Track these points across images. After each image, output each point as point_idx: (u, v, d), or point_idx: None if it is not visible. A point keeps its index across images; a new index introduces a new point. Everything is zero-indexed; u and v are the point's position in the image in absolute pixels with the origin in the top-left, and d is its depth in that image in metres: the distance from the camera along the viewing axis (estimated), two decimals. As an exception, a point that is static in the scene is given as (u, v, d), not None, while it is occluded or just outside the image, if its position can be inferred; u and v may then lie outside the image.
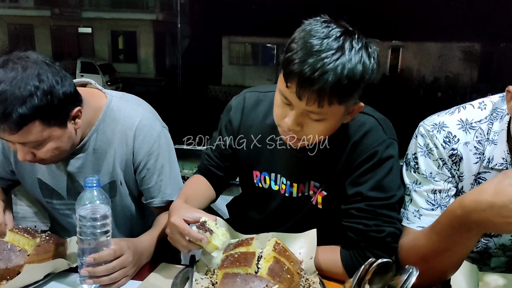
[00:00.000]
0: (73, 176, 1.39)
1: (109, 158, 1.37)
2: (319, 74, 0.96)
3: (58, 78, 1.16)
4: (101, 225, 1.08)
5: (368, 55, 1.01)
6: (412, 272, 0.81)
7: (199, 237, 1.08)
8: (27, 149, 1.19)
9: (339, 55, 0.97)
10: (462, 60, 14.59)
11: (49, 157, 1.23)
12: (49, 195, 1.44)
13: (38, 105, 1.11)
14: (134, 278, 1.17)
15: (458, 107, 1.17)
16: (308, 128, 1.08)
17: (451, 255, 1.02)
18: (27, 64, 1.13)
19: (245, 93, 1.35)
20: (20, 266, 1.09)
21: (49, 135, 1.18)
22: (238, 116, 1.33)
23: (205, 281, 1.10)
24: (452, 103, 1.21)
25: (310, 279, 1.11)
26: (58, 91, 1.15)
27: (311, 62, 0.97)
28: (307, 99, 1.00)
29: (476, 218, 0.91)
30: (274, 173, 1.30)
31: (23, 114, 1.10)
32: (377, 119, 1.17)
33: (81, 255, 1.10)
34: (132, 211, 1.48)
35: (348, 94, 1.01)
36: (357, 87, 1.02)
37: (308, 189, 1.26)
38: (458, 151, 1.12)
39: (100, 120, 1.35)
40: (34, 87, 1.11)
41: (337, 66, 0.97)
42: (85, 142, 1.34)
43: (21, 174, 1.45)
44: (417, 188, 1.15)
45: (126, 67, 16.69)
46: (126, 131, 1.36)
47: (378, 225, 1.11)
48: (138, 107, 1.41)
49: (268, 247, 1.11)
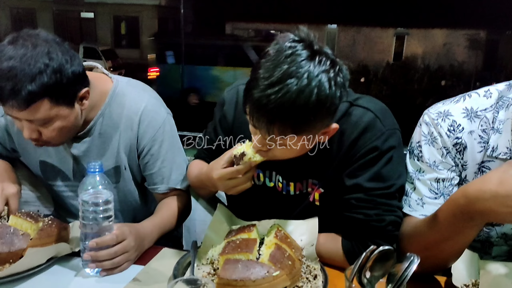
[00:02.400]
0: (78, 159, 1.39)
1: (114, 142, 1.37)
2: (266, 108, 0.94)
3: (67, 57, 1.16)
4: (104, 210, 1.09)
5: (328, 80, 0.95)
6: (413, 259, 0.81)
7: (247, 167, 1.10)
8: (34, 127, 1.20)
9: (294, 85, 0.93)
10: (467, 48, 14.46)
11: (54, 136, 1.23)
12: (54, 176, 1.45)
13: (48, 83, 1.12)
14: (136, 263, 1.17)
15: (463, 95, 1.16)
16: (274, 150, 1.07)
17: (453, 244, 1.02)
18: (37, 41, 1.13)
19: (238, 86, 1.31)
20: (23, 250, 1.10)
21: (57, 114, 1.19)
22: (231, 111, 1.30)
23: (206, 267, 1.10)
24: (456, 92, 1.19)
25: (311, 266, 1.11)
26: (67, 70, 1.15)
27: (265, 93, 0.94)
28: (260, 129, 1.00)
29: (480, 207, 0.90)
30: (268, 171, 1.28)
31: (32, 91, 1.10)
32: (373, 112, 1.13)
33: (84, 239, 1.10)
34: (135, 197, 1.49)
35: (302, 125, 0.98)
36: (313, 117, 0.97)
37: (306, 187, 1.25)
38: (462, 139, 1.11)
39: (106, 104, 1.35)
40: (44, 64, 1.11)
41: (286, 99, 0.93)
42: (91, 126, 1.35)
43: (26, 154, 1.47)
44: (420, 177, 1.15)
45: (129, 53, 16.61)
46: (131, 116, 1.36)
47: (379, 214, 1.11)
48: (144, 93, 1.41)
49: (270, 233, 1.11)
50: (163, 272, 1.12)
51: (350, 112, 1.14)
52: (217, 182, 1.15)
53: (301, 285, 1.03)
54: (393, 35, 15.06)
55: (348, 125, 1.14)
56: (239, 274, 0.97)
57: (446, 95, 1.21)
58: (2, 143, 1.47)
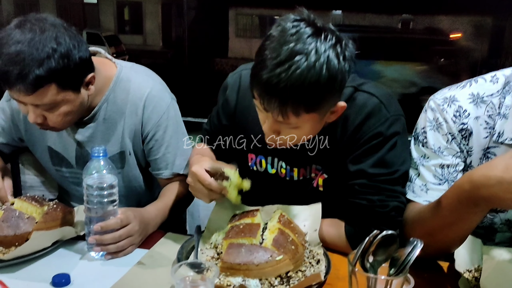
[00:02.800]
0: (82, 145, 1.40)
1: (119, 128, 1.37)
2: (280, 86, 0.93)
3: (75, 42, 1.16)
4: (108, 194, 1.09)
5: (336, 55, 0.95)
6: (416, 244, 0.81)
7: (219, 188, 1.08)
8: (39, 112, 1.20)
9: (303, 62, 0.92)
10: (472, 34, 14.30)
11: (59, 121, 1.24)
12: (59, 163, 1.46)
13: (55, 68, 1.12)
14: (141, 247, 1.18)
15: (470, 80, 1.15)
16: (286, 135, 1.06)
17: (456, 230, 1.02)
18: (45, 26, 1.13)
19: (241, 71, 1.30)
20: (28, 233, 1.11)
21: (63, 99, 1.19)
22: (234, 95, 1.29)
23: (210, 251, 1.11)
24: (461, 78, 1.18)
25: (314, 251, 1.12)
26: (75, 55, 1.15)
27: (274, 73, 0.93)
28: (271, 111, 0.99)
29: (485, 193, 0.90)
30: (271, 157, 1.28)
31: (40, 75, 1.10)
32: (378, 97, 1.13)
33: (89, 223, 1.11)
34: (140, 182, 1.49)
35: (314, 102, 0.97)
36: (326, 93, 0.97)
37: (310, 172, 1.24)
38: (468, 125, 1.10)
39: (110, 90, 1.35)
40: (52, 49, 1.11)
41: (298, 76, 0.92)
42: (95, 111, 1.35)
43: (31, 142, 1.47)
44: (425, 163, 1.14)
45: (132, 39, 16.52)
46: (136, 102, 1.36)
47: (382, 200, 1.11)
48: (148, 78, 1.41)
49: (273, 218, 1.12)
50: (167, 256, 1.13)
51: (354, 97, 1.13)
52: (190, 174, 1.13)
53: (304, 270, 1.04)
54: (398, 21, 14.90)
55: (352, 110, 1.13)
56: (243, 258, 0.98)
57: (451, 82, 1.20)
58: (9, 134, 1.47)
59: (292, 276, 1.00)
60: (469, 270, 1.04)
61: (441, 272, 1.11)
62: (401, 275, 0.80)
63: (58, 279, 1.01)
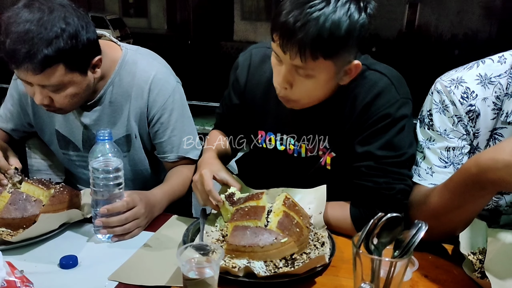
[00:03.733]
0: (89, 128, 1.40)
1: (125, 111, 1.38)
2: (300, 25, 0.95)
3: (83, 23, 1.16)
4: (114, 178, 1.10)
5: (358, 8, 0.98)
6: (421, 226, 0.81)
7: (217, 199, 1.12)
8: (46, 93, 1.20)
9: (323, 6, 0.95)
10: (481, 16, 14.06)
11: (66, 103, 1.24)
12: (66, 146, 1.47)
13: (63, 48, 1.12)
14: (147, 230, 1.19)
15: (477, 61, 1.13)
16: (297, 86, 1.06)
17: (462, 213, 1.01)
18: (53, 6, 1.13)
19: (251, 50, 1.32)
20: (35, 216, 1.12)
21: (70, 80, 1.19)
22: (244, 73, 1.30)
23: (215, 234, 1.12)
24: (469, 61, 1.16)
25: (319, 233, 1.12)
26: (83, 36, 1.15)
27: (294, 14, 0.96)
28: (290, 52, 0.99)
29: (492, 176, 0.89)
30: (280, 134, 1.28)
31: (48, 55, 1.10)
32: (389, 78, 1.12)
33: (95, 206, 1.12)
34: (146, 166, 1.50)
35: (333, 48, 0.98)
36: (343, 42, 0.98)
37: (317, 150, 1.25)
38: (476, 107, 1.09)
39: (116, 73, 1.35)
40: (61, 29, 1.11)
41: (319, 17, 0.94)
42: (101, 95, 1.35)
43: (39, 126, 1.47)
44: (430, 145, 1.14)
45: (137, 22, 16.42)
46: (141, 85, 1.35)
47: (389, 182, 1.11)
48: (153, 61, 1.41)
49: (278, 201, 1.12)
50: (173, 238, 1.14)
51: (365, 76, 1.13)
52: (200, 173, 1.16)
53: (308, 252, 1.05)
54: (405, 3, 14.67)
55: (362, 88, 1.13)
56: (248, 241, 0.99)
57: (459, 65, 1.18)
58: (18, 119, 1.48)
59: (297, 258, 1.01)
60: (474, 252, 1.05)
61: (445, 255, 1.11)
62: (406, 257, 0.81)
63: (65, 260, 1.02)
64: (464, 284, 0.99)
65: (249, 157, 1.52)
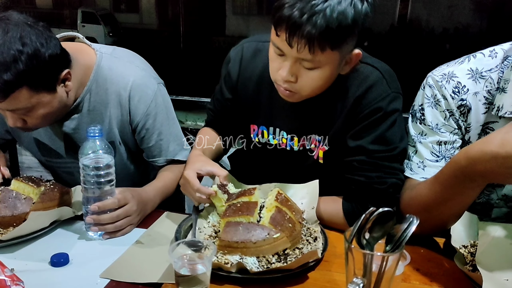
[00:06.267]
0: (69, 136, 1.35)
1: (105, 119, 1.33)
2: (308, 17, 0.94)
3: (42, 40, 1.09)
4: (105, 174, 1.09)
5: None
6: (412, 221, 0.81)
7: (208, 192, 1.12)
8: (17, 116, 1.16)
9: None
10: (472, 10, 14.14)
11: (39, 123, 1.20)
12: (48, 154, 1.43)
13: (24, 70, 1.05)
14: (139, 226, 1.19)
15: (468, 56, 1.13)
16: (303, 79, 1.05)
17: (453, 205, 1.02)
18: (7, 26, 1.06)
19: (243, 44, 1.30)
20: (26, 214, 1.11)
21: (38, 101, 1.13)
22: (236, 67, 1.28)
23: (208, 230, 1.12)
24: (461, 55, 1.17)
25: (312, 228, 1.12)
26: (43, 54, 1.08)
27: (299, 6, 0.95)
28: (297, 45, 0.98)
29: (481, 168, 0.90)
30: (272, 127, 1.28)
31: (9, 80, 1.04)
32: (381, 71, 1.13)
33: (86, 203, 1.11)
34: (132, 169, 1.48)
35: (340, 38, 0.98)
36: (350, 32, 0.99)
37: (309, 143, 1.25)
38: (467, 101, 1.09)
39: (92, 81, 1.29)
40: (18, 51, 1.04)
41: (326, 9, 0.94)
42: (78, 102, 1.29)
43: (17, 133, 1.43)
44: (422, 140, 1.14)
45: (128, 18, 16.25)
46: (120, 92, 1.31)
47: (380, 176, 1.11)
48: (131, 65, 1.35)
49: (270, 197, 1.12)
50: (165, 234, 1.14)
51: (357, 69, 1.12)
52: (183, 176, 1.17)
53: (301, 247, 1.05)
54: None
55: (354, 81, 1.12)
56: (240, 236, 0.99)
57: (450, 59, 1.19)
58: None
59: (290, 253, 1.01)
60: (465, 245, 1.05)
61: (437, 248, 1.12)
62: (397, 252, 0.81)
63: (57, 258, 1.01)
64: (455, 277, 1.00)
65: (241, 153, 1.52)
